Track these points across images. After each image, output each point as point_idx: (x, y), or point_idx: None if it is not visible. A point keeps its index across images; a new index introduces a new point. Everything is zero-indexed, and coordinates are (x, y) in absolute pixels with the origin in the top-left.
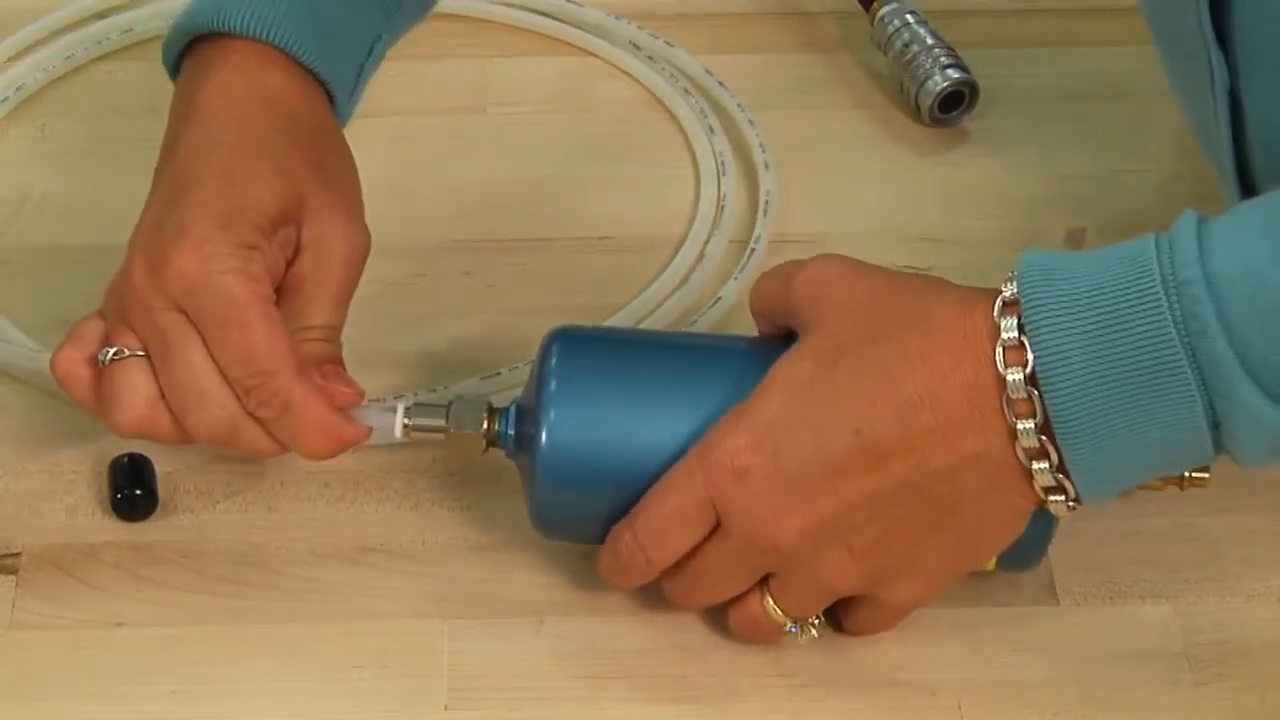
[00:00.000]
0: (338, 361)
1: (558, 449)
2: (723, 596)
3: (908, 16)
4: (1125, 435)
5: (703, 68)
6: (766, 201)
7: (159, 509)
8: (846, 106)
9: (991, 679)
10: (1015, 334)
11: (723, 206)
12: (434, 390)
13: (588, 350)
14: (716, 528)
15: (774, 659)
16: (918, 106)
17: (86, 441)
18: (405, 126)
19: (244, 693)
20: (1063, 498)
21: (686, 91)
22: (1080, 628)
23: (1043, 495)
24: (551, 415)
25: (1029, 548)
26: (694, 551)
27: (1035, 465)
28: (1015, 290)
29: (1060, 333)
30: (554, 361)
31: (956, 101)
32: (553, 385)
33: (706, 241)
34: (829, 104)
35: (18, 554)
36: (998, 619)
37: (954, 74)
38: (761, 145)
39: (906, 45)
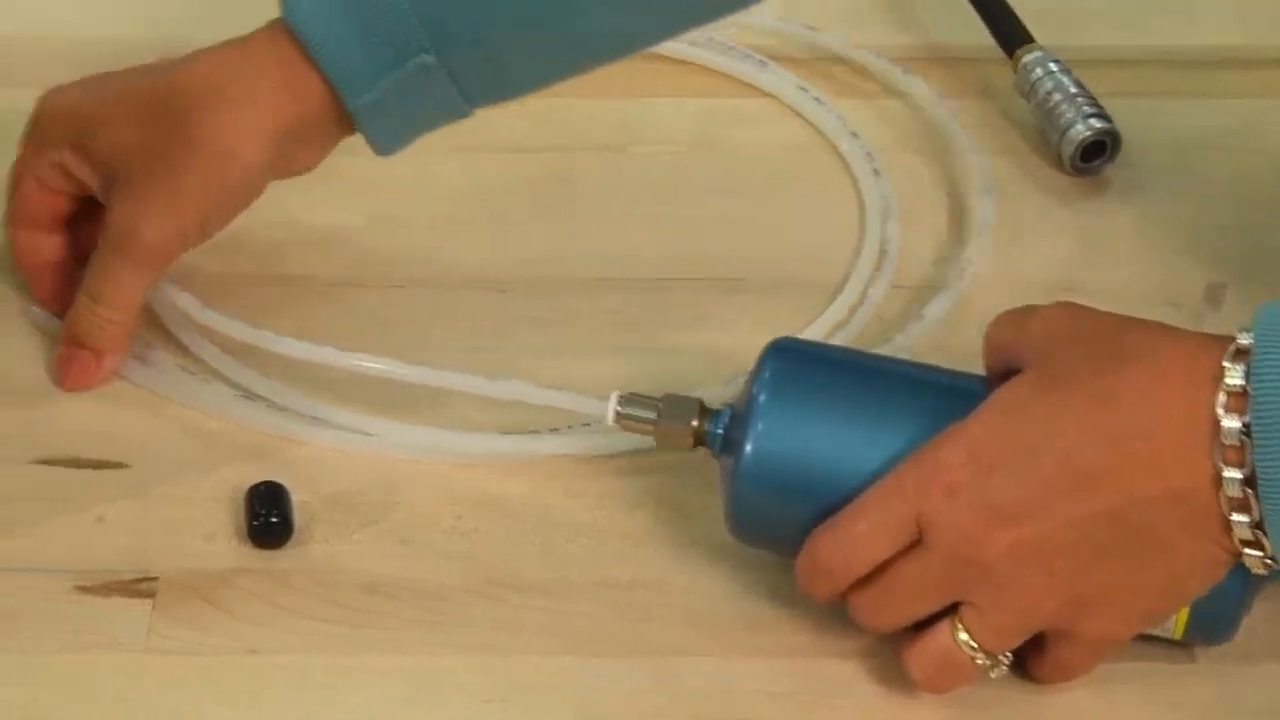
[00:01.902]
0: None
1: (760, 459)
2: (910, 615)
3: (1051, 65)
4: None
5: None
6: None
7: (294, 537)
8: (988, 153)
9: None
10: (1241, 381)
11: (885, 251)
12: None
13: (802, 364)
14: (917, 542)
15: (900, 705)
16: (1059, 155)
17: (225, 468)
18: (551, 163)
19: None
20: (1260, 554)
21: (854, 135)
22: (1215, 686)
23: (1239, 547)
24: (759, 426)
25: (1221, 619)
26: (889, 563)
27: (1235, 517)
28: (1250, 339)
29: None
30: (767, 373)
31: (1098, 151)
32: (763, 397)
33: (867, 287)
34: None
35: (155, 578)
36: (1130, 674)
37: (1096, 123)
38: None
39: (1049, 94)
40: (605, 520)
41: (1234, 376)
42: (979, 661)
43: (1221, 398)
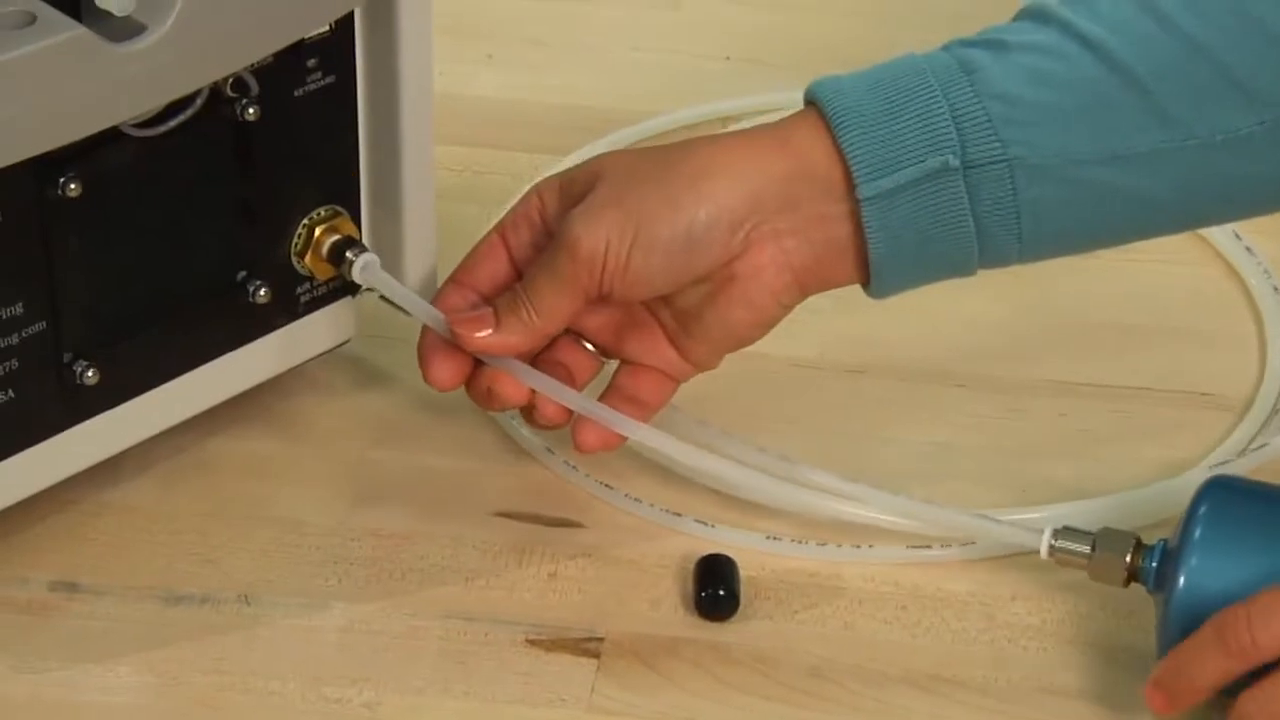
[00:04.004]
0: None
1: (1192, 596)
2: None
3: None
4: None
5: None
6: None
7: (739, 611)
8: None
9: None
10: None
11: None
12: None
13: (1239, 502)
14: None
15: None
16: None
17: (676, 536)
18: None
19: None
20: None
21: None
22: None
23: None
24: (1191, 563)
25: None
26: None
27: None
28: None
29: None
30: (1203, 508)
31: None
32: (1197, 532)
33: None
34: None
35: (601, 639)
36: None
37: None
38: None
39: None
40: (1053, 625)
41: None
42: None
43: None
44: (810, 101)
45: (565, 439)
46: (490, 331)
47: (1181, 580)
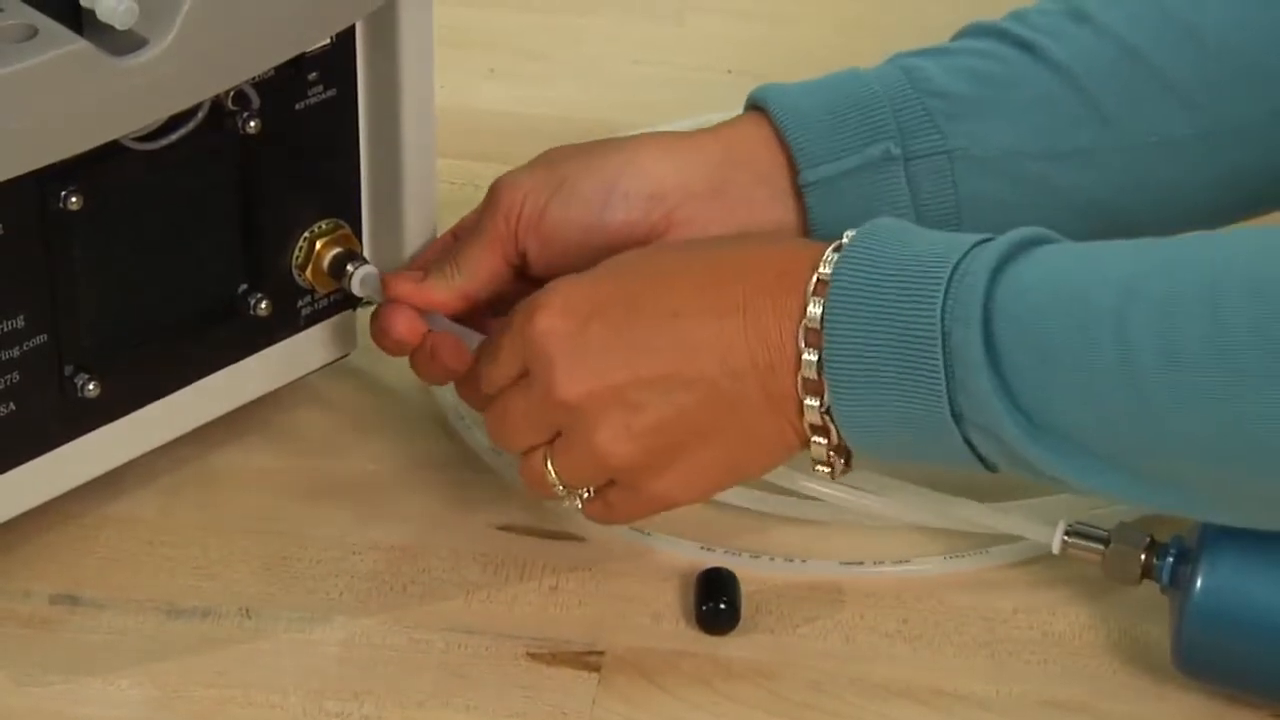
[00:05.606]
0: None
1: (1210, 597)
2: (519, 443)
3: None
4: (880, 393)
5: None
6: None
7: (740, 625)
8: None
9: None
10: (830, 271)
11: None
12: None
13: None
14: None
15: None
16: None
17: (676, 550)
18: None
19: None
20: (825, 441)
21: None
22: None
23: (809, 432)
24: (1209, 563)
25: None
26: (506, 390)
27: (808, 400)
28: (851, 235)
29: (856, 285)
30: None
31: None
32: (1215, 531)
33: None
34: None
35: (602, 653)
36: None
37: None
38: None
39: None
40: (1055, 638)
41: (826, 266)
42: (558, 490)
43: (812, 284)
44: (752, 106)
45: None
46: (414, 284)
47: (1200, 580)
